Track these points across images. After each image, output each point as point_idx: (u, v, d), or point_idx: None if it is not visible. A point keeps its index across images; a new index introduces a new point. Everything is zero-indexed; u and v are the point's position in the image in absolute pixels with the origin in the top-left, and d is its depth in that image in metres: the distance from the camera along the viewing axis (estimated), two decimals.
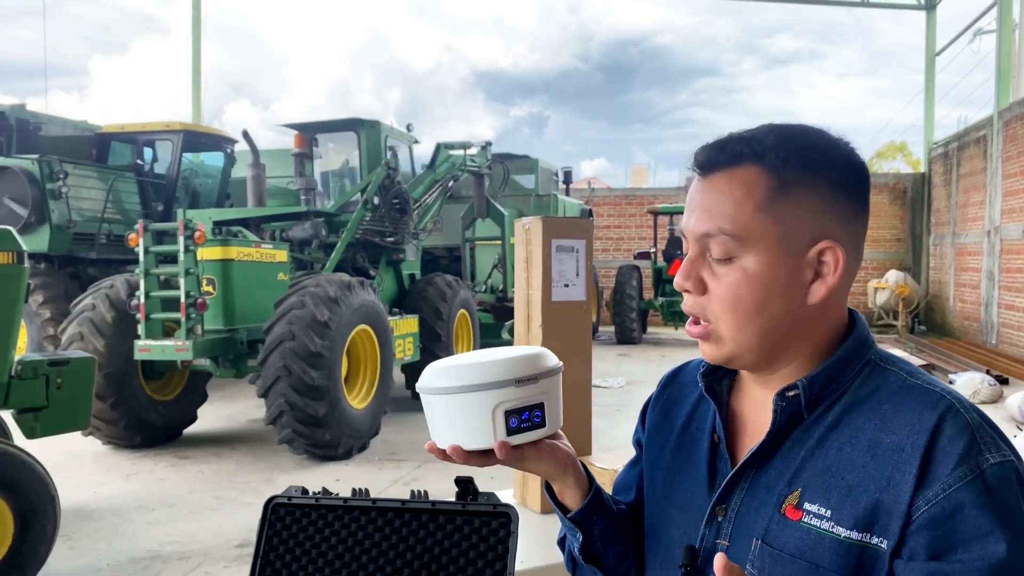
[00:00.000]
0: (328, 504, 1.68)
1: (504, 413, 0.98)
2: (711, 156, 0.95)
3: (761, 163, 0.92)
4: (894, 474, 0.86)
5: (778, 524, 0.92)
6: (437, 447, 1.03)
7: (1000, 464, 0.84)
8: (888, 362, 0.96)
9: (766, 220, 0.91)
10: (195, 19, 19.97)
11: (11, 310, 4.32)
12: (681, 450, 1.08)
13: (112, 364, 6.58)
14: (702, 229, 0.94)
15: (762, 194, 0.91)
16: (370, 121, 9.20)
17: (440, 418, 1.02)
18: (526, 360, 1.00)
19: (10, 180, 8.64)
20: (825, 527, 0.88)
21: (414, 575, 1.60)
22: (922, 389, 0.91)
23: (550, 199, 13.78)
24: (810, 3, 20.62)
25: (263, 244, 7.38)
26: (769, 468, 0.95)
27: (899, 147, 39.65)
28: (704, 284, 0.95)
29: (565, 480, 1.07)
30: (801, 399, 0.93)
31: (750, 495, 0.96)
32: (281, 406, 6.29)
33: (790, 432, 0.95)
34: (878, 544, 0.85)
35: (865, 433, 0.90)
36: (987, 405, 8.99)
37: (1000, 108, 13.85)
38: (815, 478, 0.91)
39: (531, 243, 2.99)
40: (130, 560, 4.51)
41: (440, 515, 1.61)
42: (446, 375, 0.99)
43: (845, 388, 0.94)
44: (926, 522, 0.83)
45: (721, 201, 0.92)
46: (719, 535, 0.97)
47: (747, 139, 0.94)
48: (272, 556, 1.66)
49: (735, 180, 0.92)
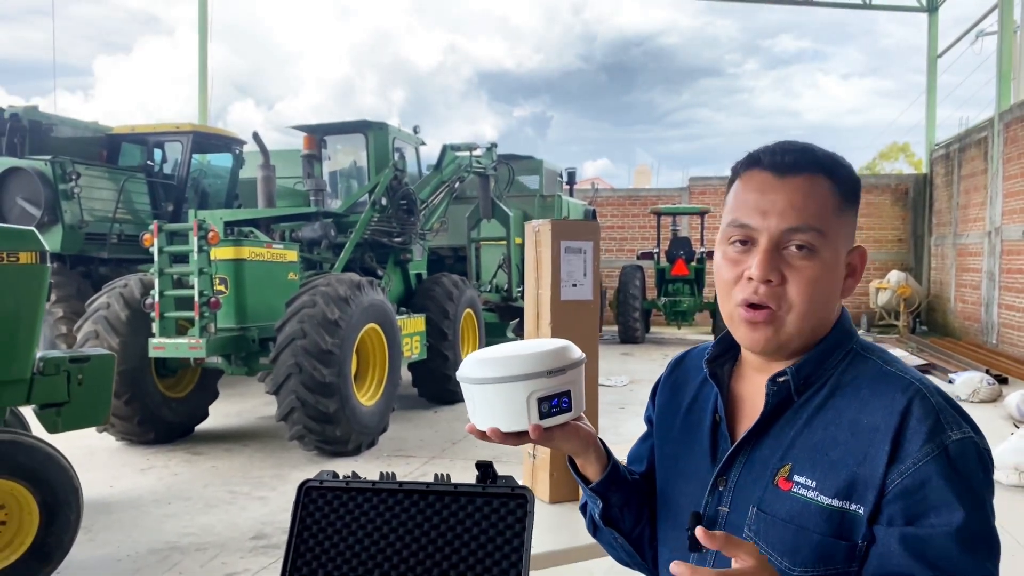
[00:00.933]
0: (357, 487, 1.81)
1: (537, 400, 1.11)
2: (798, 160, 1.07)
3: (832, 177, 1.07)
4: (869, 450, 1.00)
5: (771, 494, 1.06)
6: (477, 428, 1.16)
7: (960, 440, 0.98)
8: (868, 351, 1.10)
9: (838, 223, 1.07)
10: (201, 20, 20.10)
11: (34, 308, 4.46)
12: (686, 427, 1.22)
13: (126, 362, 6.72)
14: (790, 224, 1.04)
15: (835, 201, 1.07)
16: (378, 123, 9.34)
17: (481, 404, 1.15)
18: (556, 353, 1.13)
19: (23, 181, 8.79)
20: (811, 496, 1.02)
21: (438, 552, 1.73)
22: (895, 376, 1.05)
23: (554, 200, 13.89)
24: (813, 5, 20.72)
25: (274, 244, 7.52)
26: (763, 445, 1.09)
27: (902, 148, 39.70)
28: (783, 275, 1.05)
29: (587, 456, 1.20)
30: (791, 384, 1.07)
31: (747, 468, 1.10)
32: (292, 403, 6.43)
33: (782, 413, 1.09)
34: (856, 510, 1.00)
35: (847, 415, 1.04)
36: (986, 404, 9.11)
37: (1001, 110, 13.95)
38: (803, 454, 1.05)
39: (540, 244, 3.12)
40: (149, 551, 4.65)
41: (462, 496, 1.74)
42: (487, 367, 1.13)
43: (830, 374, 1.08)
44: (900, 492, 0.97)
45: (809, 200, 1.05)
46: (720, 503, 1.11)
47: (815, 152, 1.08)
48: (306, 535, 1.80)
49: (818, 185, 1.06)
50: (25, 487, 3.85)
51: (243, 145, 10.98)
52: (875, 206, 19.22)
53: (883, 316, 17.82)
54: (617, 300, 15.94)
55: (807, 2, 20.42)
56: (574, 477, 1.25)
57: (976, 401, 9.23)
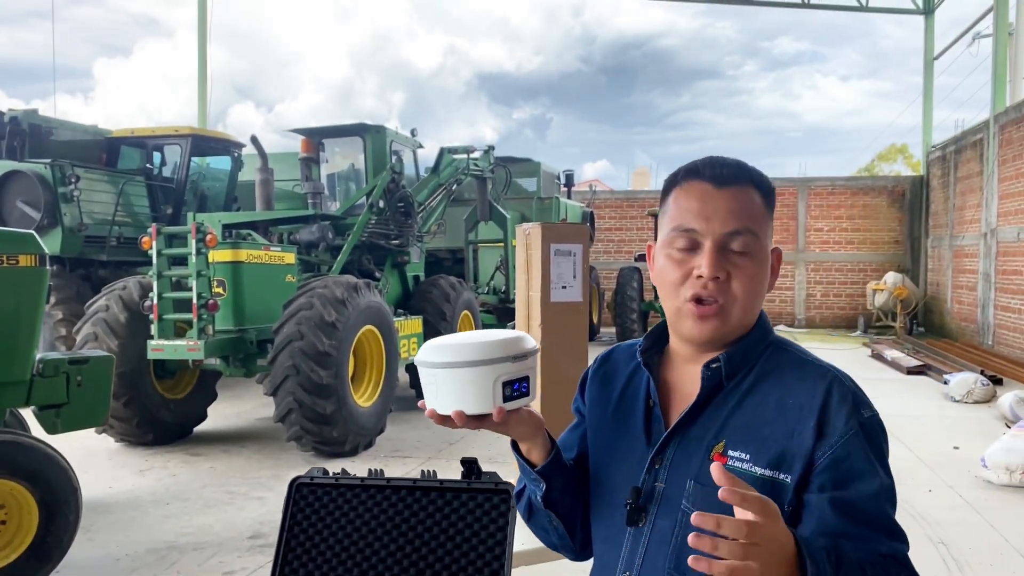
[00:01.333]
0: (347, 483, 1.87)
1: (502, 384, 1.19)
2: (735, 173, 1.23)
3: (759, 188, 1.24)
4: (796, 427, 1.14)
5: (707, 467, 1.14)
6: (438, 413, 1.22)
7: (870, 417, 1.16)
8: (784, 344, 1.27)
9: (765, 227, 1.23)
10: (201, 22, 20.16)
11: (34, 311, 4.52)
12: (620, 414, 1.34)
13: (125, 364, 6.77)
14: (731, 228, 1.19)
15: (762, 208, 1.23)
16: (375, 126, 9.40)
17: (446, 388, 1.20)
18: (517, 341, 1.22)
19: (23, 184, 8.85)
20: (746, 467, 1.15)
21: (424, 546, 1.79)
22: (813, 364, 1.22)
23: (552, 202, 13.96)
24: (810, 7, 20.80)
25: (272, 247, 7.58)
26: (696, 425, 1.22)
27: (900, 149, 39.82)
28: (728, 273, 1.19)
29: (535, 441, 1.30)
30: (722, 370, 1.21)
31: (683, 447, 1.22)
32: (290, 404, 6.48)
33: (713, 397, 1.22)
34: (784, 479, 1.13)
35: (772, 397, 1.19)
36: (980, 405, 9.17)
37: (996, 112, 14.01)
38: (736, 432, 1.19)
39: (531, 247, 3.18)
40: (147, 551, 4.70)
41: (447, 492, 1.80)
42: (456, 352, 1.19)
43: (754, 363, 1.23)
44: (830, 463, 1.11)
45: (745, 208, 1.20)
46: (656, 480, 1.23)
47: (741, 166, 1.25)
48: (297, 530, 1.86)
49: (749, 194, 1.22)
50: (25, 487, 3.91)
51: (242, 148, 11.05)
52: (872, 208, 19.29)
53: (880, 317, 17.87)
54: (615, 301, 16.00)
55: (803, 4, 20.50)
56: (517, 461, 1.33)
57: (970, 402, 9.28)
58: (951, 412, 8.89)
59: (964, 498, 5.66)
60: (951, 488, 5.92)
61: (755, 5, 21.31)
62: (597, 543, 1.34)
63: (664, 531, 1.19)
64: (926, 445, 7.27)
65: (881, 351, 13.45)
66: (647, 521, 1.21)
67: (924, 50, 19.10)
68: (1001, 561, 4.55)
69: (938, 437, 7.59)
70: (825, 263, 19.42)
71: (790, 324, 19.32)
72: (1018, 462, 5.90)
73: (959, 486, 5.96)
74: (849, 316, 19.03)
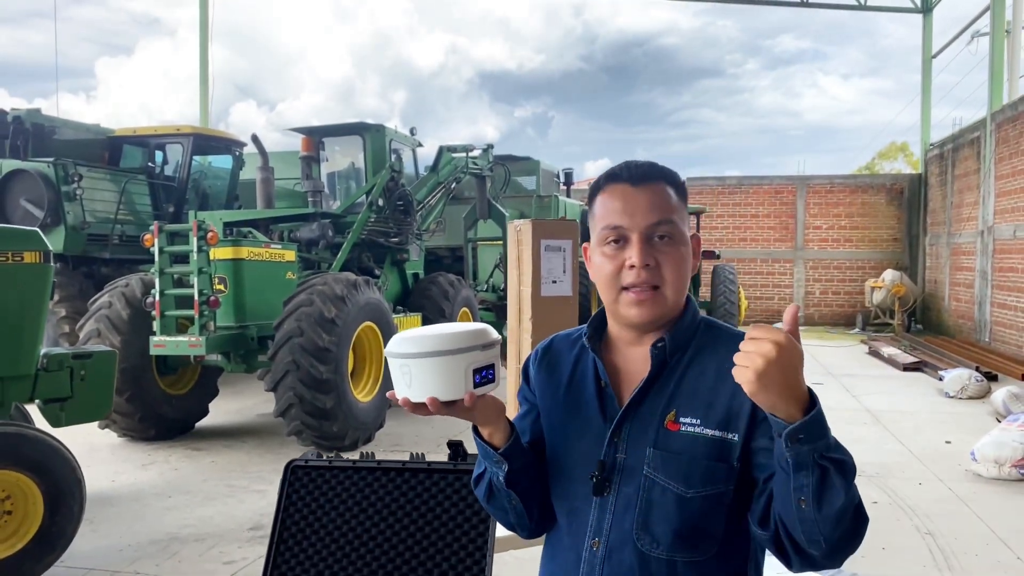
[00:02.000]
0: (340, 465, 1.97)
1: (473, 371, 1.29)
2: (647, 172, 1.39)
3: (671, 183, 1.40)
4: (736, 388, 1.21)
5: (663, 435, 1.32)
6: (411, 401, 1.30)
7: None
8: (712, 323, 1.43)
9: (680, 215, 1.38)
10: (203, 21, 20.25)
11: (38, 307, 4.61)
12: (571, 396, 1.45)
13: (128, 359, 6.87)
14: (653, 220, 1.34)
15: (677, 201, 1.39)
16: (375, 125, 9.49)
17: (419, 376, 1.28)
18: (483, 331, 1.33)
19: (27, 182, 8.95)
20: (698, 431, 1.30)
21: (412, 524, 1.89)
22: (740, 336, 1.29)
23: (551, 200, 14.02)
24: (810, 6, 20.86)
25: (272, 244, 7.67)
26: (647, 400, 1.36)
27: (900, 147, 39.82)
28: (656, 260, 1.33)
29: (498, 425, 1.39)
30: (667, 348, 1.36)
31: (638, 421, 1.36)
32: (290, 399, 6.57)
33: (659, 373, 1.37)
34: (732, 438, 1.29)
35: (712, 366, 1.34)
36: (974, 400, 9.25)
37: (993, 110, 14.08)
38: (684, 400, 1.33)
39: (522, 243, 3.27)
40: (150, 542, 4.80)
41: (435, 473, 1.91)
42: (428, 342, 1.28)
43: (690, 340, 1.39)
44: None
45: (661, 201, 1.36)
46: (617, 452, 1.36)
47: (650, 165, 1.41)
48: (292, 510, 1.96)
49: (664, 189, 1.38)
50: (30, 478, 4.00)
51: (243, 147, 11.14)
52: (871, 206, 19.36)
53: (878, 315, 17.96)
54: None
55: (803, 3, 20.56)
56: (478, 444, 1.43)
57: (964, 398, 9.36)
58: (945, 408, 8.97)
59: (953, 491, 5.75)
60: (941, 481, 6.00)
61: (756, 4, 21.38)
62: (562, 516, 1.44)
63: (629, 497, 1.32)
64: (919, 440, 7.35)
65: (878, 348, 13.53)
66: (612, 490, 1.34)
67: (922, 49, 19.15)
68: (986, 550, 4.63)
69: (931, 432, 7.68)
70: (824, 261, 19.49)
71: None
72: (1007, 455, 5.99)
73: (949, 479, 6.05)
74: (848, 313, 19.11)
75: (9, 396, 4.53)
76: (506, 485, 1.42)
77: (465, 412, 1.33)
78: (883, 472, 6.21)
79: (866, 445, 7.12)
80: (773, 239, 19.70)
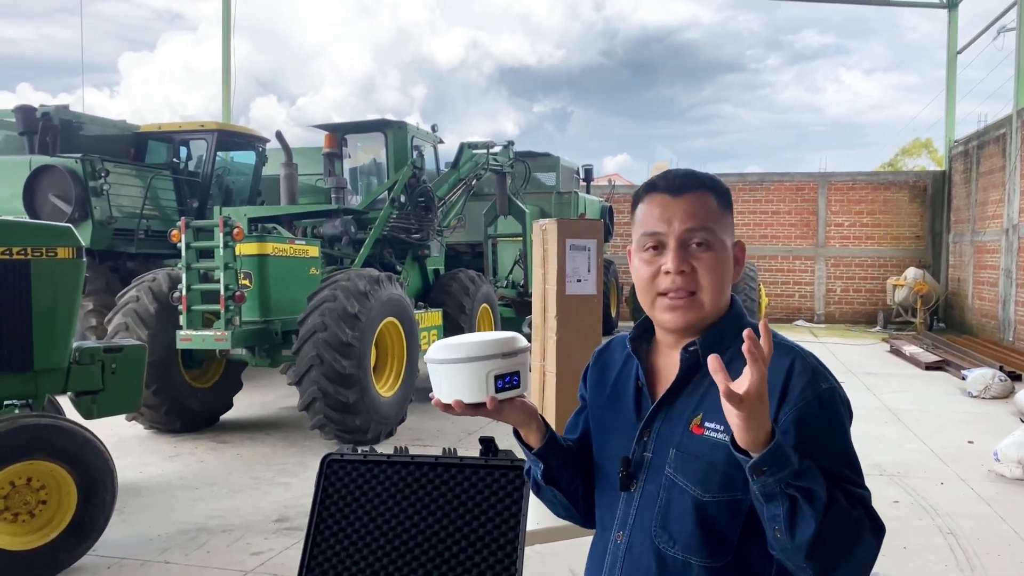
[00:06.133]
0: (374, 460, 2.02)
1: (494, 377, 1.39)
2: (685, 182, 1.42)
3: (711, 191, 1.43)
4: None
5: (687, 438, 1.35)
6: (442, 401, 1.42)
7: (828, 388, 1.32)
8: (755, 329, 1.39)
9: (721, 223, 1.41)
10: (225, 17, 20.40)
11: (71, 301, 4.72)
12: (614, 396, 1.53)
13: (155, 353, 6.97)
14: (688, 226, 1.37)
15: (717, 208, 1.42)
16: (397, 122, 9.56)
17: (447, 380, 1.42)
18: (509, 340, 1.43)
19: (55, 178, 9.09)
20: (719, 437, 1.32)
21: (445, 517, 1.93)
22: (780, 344, 1.35)
23: (571, 196, 14.05)
24: (833, 1, 20.71)
25: (296, 240, 7.76)
26: (678, 402, 1.40)
27: (924, 143, 39.39)
28: (692, 265, 1.37)
29: (530, 427, 1.48)
30: (699, 352, 1.38)
31: (667, 421, 1.40)
32: (314, 393, 6.66)
33: (692, 376, 1.40)
34: None
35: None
36: (997, 400, 9.19)
37: (1019, 107, 13.92)
38: (712, 406, 1.33)
39: (547, 243, 3.31)
40: (178, 531, 4.90)
41: (467, 468, 1.95)
42: (456, 350, 1.40)
43: (728, 345, 1.38)
44: (788, 425, 1.27)
45: (699, 209, 1.39)
46: (645, 450, 1.41)
47: (695, 175, 1.43)
48: (328, 502, 2.01)
49: (704, 198, 1.41)
50: (65, 468, 4.10)
51: (266, 143, 11.24)
52: (893, 203, 19.20)
53: (900, 313, 17.82)
54: (633, 296, 16.07)
55: None
56: (519, 445, 1.52)
57: (988, 397, 9.30)
58: (967, 407, 8.92)
59: (976, 491, 5.73)
60: (963, 481, 5.98)
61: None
62: (599, 509, 1.52)
63: (651, 494, 1.38)
64: (940, 439, 7.33)
65: (900, 347, 13.44)
66: (637, 486, 1.40)
67: (947, 44, 18.96)
68: (1009, 552, 4.63)
69: (953, 432, 7.64)
70: (845, 258, 19.37)
71: (809, 319, 19.29)
72: None
73: (971, 479, 6.03)
74: (869, 312, 18.98)
75: (43, 389, 4.64)
76: (545, 482, 1.49)
77: (492, 413, 1.41)
78: (904, 471, 6.20)
79: (888, 444, 7.10)
80: (794, 236, 19.59)
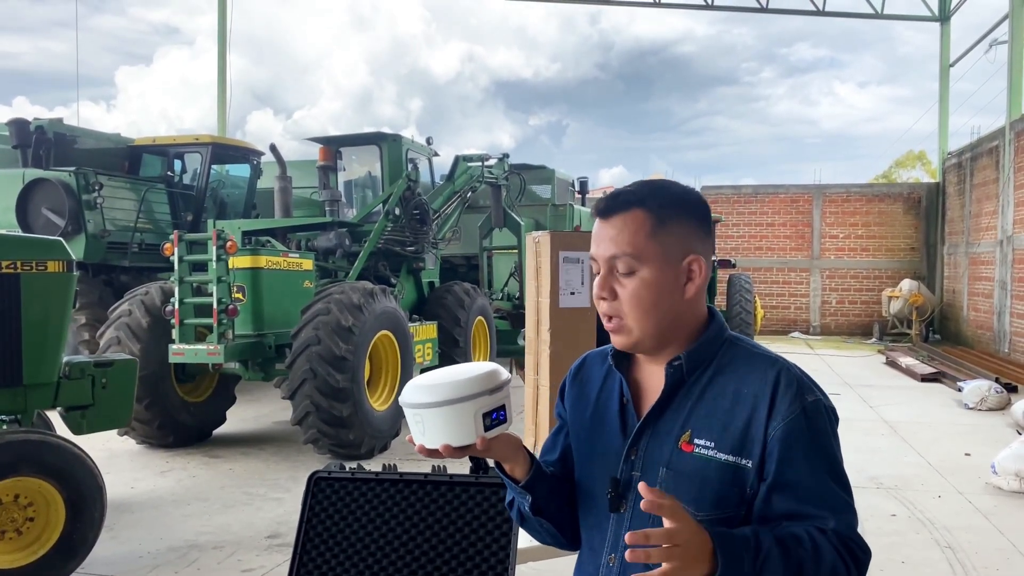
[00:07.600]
0: (362, 477, 1.99)
1: (483, 415, 1.30)
2: (609, 205, 1.35)
3: (643, 207, 1.33)
4: (752, 413, 1.29)
5: (677, 455, 1.32)
6: (427, 447, 1.34)
7: (814, 401, 1.30)
8: (738, 340, 1.40)
9: (654, 244, 1.32)
10: (221, 31, 20.44)
11: (61, 315, 4.67)
12: (597, 413, 1.47)
13: (147, 367, 6.91)
14: (610, 253, 1.33)
15: (649, 227, 1.32)
16: (392, 135, 9.55)
17: (431, 424, 1.30)
18: (492, 374, 1.32)
19: (48, 191, 9.05)
20: (711, 454, 1.29)
21: (434, 536, 1.90)
22: (763, 356, 1.35)
23: (566, 209, 14.02)
24: (825, 14, 20.81)
25: (290, 253, 7.73)
26: (664, 418, 1.36)
27: (918, 156, 39.56)
28: (615, 292, 1.33)
29: (516, 459, 1.41)
30: (684, 367, 1.34)
31: (654, 439, 1.36)
32: (307, 407, 6.61)
33: (677, 391, 1.36)
34: (746, 464, 1.28)
35: (730, 388, 1.33)
36: (994, 412, 9.17)
37: (1012, 119, 13.98)
38: (700, 421, 1.32)
39: (540, 255, 3.29)
40: (169, 549, 4.84)
41: (457, 486, 1.92)
42: (438, 392, 1.29)
43: (712, 358, 1.36)
44: (774, 444, 1.26)
45: (621, 234, 1.32)
46: (633, 469, 1.36)
47: (632, 192, 1.36)
48: (315, 520, 1.97)
49: (631, 219, 1.33)
50: (52, 485, 4.05)
51: (260, 156, 11.22)
52: (888, 215, 19.25)
53: (895, 325, 17.83)
54: None
55: (819, 12, 20.51)
56: (503, 479, 1.45)
57: (984, 409, 9.28)
58: (964, 419, 8.90)
59: (973, 504, 5.70)
60: (960, 494, 5.95)
61: (771, 12, 21.35)
62: (584, 530, 1.47)
63: (643, 516, 1.30)
64: (937, 452, 7.30)
65: (896, 358, 13.43)
66: (627, 507, 1.35)
67: (940, 57, 19.06)
68: (1007, 565, 4.59)
69: (950, 444, 7.61)
70: (840, 270, 19.39)
71: (805, 331, 19.29)
72: None
73: (969, 492, 5.99)
74: (864, 323, 18.98)
75: (32, 403, 4.59)
76: (533, 513, 1.44)
77: (480, 453, 1.35)
78: (901, 484, 6.17)
79: (884, 456, 7.07)
80: (789, 248, 19.62)
